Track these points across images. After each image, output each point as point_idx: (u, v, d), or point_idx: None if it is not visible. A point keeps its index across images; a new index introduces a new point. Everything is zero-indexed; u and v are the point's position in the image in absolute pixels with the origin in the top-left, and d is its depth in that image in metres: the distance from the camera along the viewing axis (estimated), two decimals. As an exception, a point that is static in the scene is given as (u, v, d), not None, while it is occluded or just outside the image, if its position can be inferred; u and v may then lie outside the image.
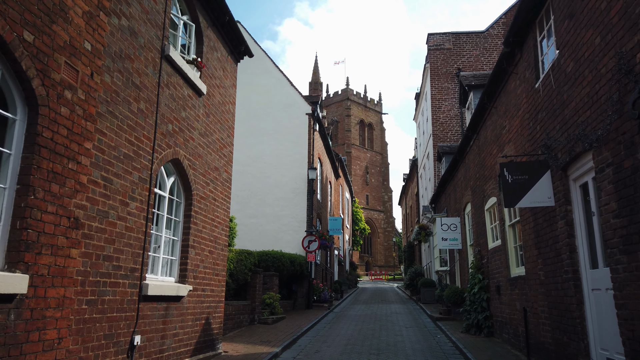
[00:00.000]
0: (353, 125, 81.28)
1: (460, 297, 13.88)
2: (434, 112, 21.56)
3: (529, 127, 7.52)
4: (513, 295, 8.80)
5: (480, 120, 10.89)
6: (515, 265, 9.02)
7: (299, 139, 19.02)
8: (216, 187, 8.35)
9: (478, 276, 11.12)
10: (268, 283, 14.07)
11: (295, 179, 18.74)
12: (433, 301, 20.10)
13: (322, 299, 17.61)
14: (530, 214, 7.53)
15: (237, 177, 18.88)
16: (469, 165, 12.74)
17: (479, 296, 10.99)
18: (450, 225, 14.55)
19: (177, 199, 7.16)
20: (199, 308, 7.47)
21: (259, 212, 18.57)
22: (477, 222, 11.90)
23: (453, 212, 15.72)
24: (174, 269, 6.99)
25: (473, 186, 12.29)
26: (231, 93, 9.31)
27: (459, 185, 14.45)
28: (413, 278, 24.84)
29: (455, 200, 15.23)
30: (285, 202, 18.57)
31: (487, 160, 10.53)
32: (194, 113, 7.45)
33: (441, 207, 18.47)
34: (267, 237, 18.25)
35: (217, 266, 8.28)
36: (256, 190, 18.79)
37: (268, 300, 13.38)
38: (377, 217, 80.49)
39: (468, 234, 13.63)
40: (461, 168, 14.03)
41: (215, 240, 8.23)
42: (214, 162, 8.24)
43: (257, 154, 19.09)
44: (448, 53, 21.95)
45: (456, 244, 14.41)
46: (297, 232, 18.19)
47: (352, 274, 37.28)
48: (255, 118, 19.44)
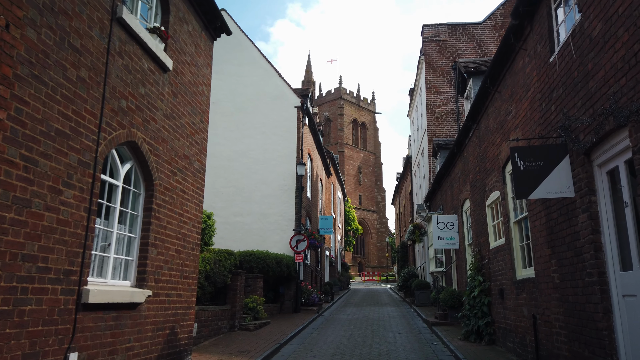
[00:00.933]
0: (346, 124, 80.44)
1: (457, 301, 12.97)
2: (429, 107, 20.67)
3: (540, 109, 6.60)
4: (519, 300, 7.88)
5: (481, 108, 9.97)
6: (521, 267, 8.10)
7: (288, 133, 18.04)
8: (185, 177, 7.35)
9: (478, 278, 10.20)
10: (251, 285, 13.08)
11: (283, 175, 17.75)
12: (428, 304, 19.19)
13: (310, 302, 16.63)
14: (542, 208, 6.61)
15: (222, 173, 17.90)
16: (468, 158, 11.83)
17: (479, 300, 10.07)
18: (447, 223, 13.63)
19: (135, 189, 6.16)
20: (162, 316, 6.46)
21: (245, 210, 17.57)
22: (476, 219, 10.99)
23: (450, 210, 14.81)
24: (130, 271, 5.98)
25: (472, 181, 11.37)
26: (205, 73, 8.31)
27: (457, 180, 13.54)
28: (407, 279, 23.94)
29: (452, 197, 14.32)
30: (272, 200, 17.58)
31: (489, 151, 9.61)
32: (157, 90, 6.45)
33: (437, 204, 17.57)
34: (253, 236, 17.25)
35: (186, 267, 7.28)
36: (242, 187, 17.78)
37: (251, 304, 12.38)
38: (370, 217, 79.69)
39: (466, 233, 12.72)
40: (459, 162, 13.12)
41: (184, 238, 7.23)
42: (182, 149, 7.24)
43: (243, 148, 18.09)
44: (444, 45, 21.08)
45: (453, 243, 13.49)
46: (285, 231, 17.20)
47: (344, 275, 36.33)
48: (241, 111, 18.43)
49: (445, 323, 12.94)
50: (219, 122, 18.47)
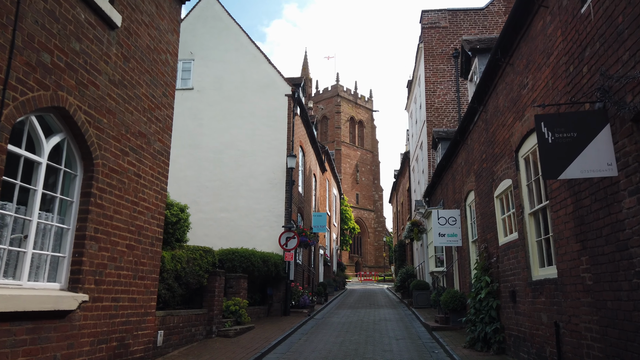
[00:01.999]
0: (343, 122, 79.33)
1: (460, 303, 11.82)
2: (429, 97, 19.52)
3: (566, 75, 5.45)
4: (536, 305, 6.73)
5: (489, 87, 8.82)
6: (538, 265, 6.95)
7: (278, 124, 16.86)
8: (142, 159, 6.17)
9: (485, 279, 9.05)
10: (234, 287, 11.90)
11: (272, 168, 16.57)
12: (427, 305, 18.05)
13: (301, 304, 15.47)
14: (569, 194, 5.46)
15: (207, 166, 16.73)
16: (472, 146, 10.68)
17: (486, 303, 8.92)
18: (448, 218, 12.47)
19: (70, 170, 4.98)
20: (105, 325, 5.29)
21: (232, 205, 16.38)
22: (483, 213, 9.84)
23: (451, 204, 13.66)
24: (61, 271, 4.81)
25: (477, 170, 10.23)
26: (170, 40, 7.13)
27: (459, 172, 12.39)
28: (404, 280, 22.79)
29: (454, 190, 13.17)
30: (261, 194, 16.40)
31: (498, 134, 8.46)
32: (100, 50, 5.27)
33: (437, 199, 16.42)
34: (240, 233, 16.08)
35: (142, 266, 6.10)
36: (228, 181, 16.59)
37: (233, 307, 11.21)
38: (368, 216, 78.58)
39: (470, 229, 11.58)
40: (462, 152, 11.97)
41: (139, 231, 6.06)
42: (137, 125, 6.06)
43: (230, 139, 16.90)
44: (444, 32, 19.93)
45: (455, 240, 12.34)
46: (274, 228, 16.04)
47: (340, 275, 35.18)
48: (228, 100, 17.24)
49: (447, 327, 11.80)
50: (204, 111, 17.30)
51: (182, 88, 17.44)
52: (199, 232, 16.16)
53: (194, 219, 16.46)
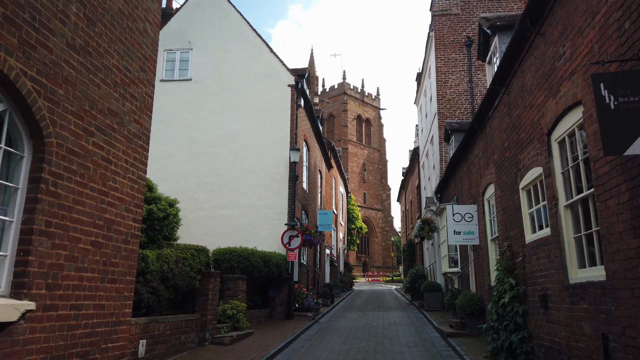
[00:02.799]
0: (350, 120, 78.37)
1: (478, 307, 10.83)
2: (440, 88, 18.51)
3: (619, 34, 4.47)
4: (576, 312, 5.74)
5: (514, 63, 7.83)
6: (576, 265, 5.96)
7: (280, 116, 15.94)
8: (113, 142, 5.26)
9: (509, 281, 8.05)
10: (231, 289, 11.00)
11: (275, 163, 15.65)
12: (439, 308, 17.06)
13: (305, 307, 14.53)
14: (623, 179, 4.48)
15: (206, 161, 15.85)
16: (492, 134, 9.69)
17: (510, 309, 7.92)
18: (464, 215, 11.48)
19: (15, 150, 4.08)
20: (62, 339, 4.38)
21: (232, 202, 15.49)
22: (505, 207, 8.84)
23: (466, 200, 12.66)
24: (0, 273, 3.90)
25: (498, 161, 9.23)
26: (149, 8, 6.21)
27: (476, 164, 11.40)
28: (414, 280, 21.77)
29: (470, 185, 12.17)
30: (262, 190, 15.48)
31: (525, 117, 7.47)
32: (54, 6, 4.36)
33: (449, 195, 15.41)
34: (241, 232, 15.17)
35: (113, 267, 5.20)
36: (228, 176, 15.70)
37: (230, 311, 10.30)
38: (375, 215, 77.55)
39: (489, 226, 10.58)
40: (479, 142, 10.98)
41: (109, 226, 5.15)
42: (106, 102, 5.16)
43: (230, 133, 16.01)
44: (456, 19, 18.91)
45: (472, 238, 11.34)
46: (276, 226, 15.12)
47: (347, 275, 34.22)
48: (227, 91, 16.35)
49: (464, 334, 10.81)
50: (202, 103, 16.42)
51: (179, 79, 16.58)
52: (197, 230, 15.30)
53: (192, 217, 15.61)
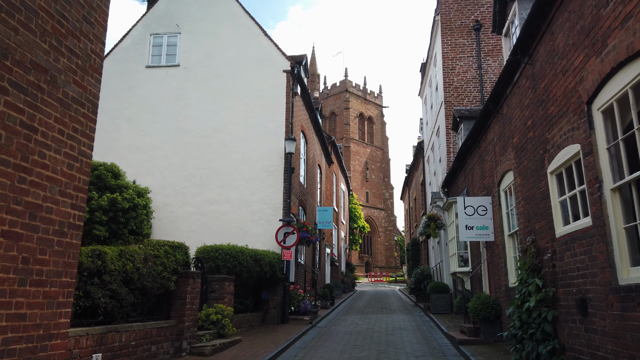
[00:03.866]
0: (352, 118, 77.21)
1: (493, 311, 9.63)
2: (447, 75, 17.31)
3: None
4: (629, 320, 4.55)
5: (540, 25, 6.64)
6: (628, 263, 4.77)
7: (275, 104, 14.78)
8: (38, 104, 4.10)
9: (535, 281, 6.86)
10: (216, 291, 9.83)
11: (268, 154, 14.49)
12: (446, 311, 15.86)
13: (301, 310, 13.35)
14: None
15: (194, 152, 14.70)
16: (511, 114, 8.50)
17: (537, 314, 6.73)
18: (477, 207, 10.28)
19: None
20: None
21: (222, 196, 14.33)
22: (528, 196, 7.65)
23: (478, 192, 11.47)
24: None
25: (519, 144, 8.04)
26: (98, -54, 5.04)
27: (490, 151, 10.20)
28: (419, 281, 20.57)
29: (483, 175, 10.97)
30: (255, 184, 14.32)
31: (555, 87, 6.28)
32: None
33: (458, 189, 14.21)
34: (232, 228, 14.01)
35: (39, 266, 4.04)
36: (218, 169, 14.54)
37: (214, 316, 9.14)
38: (378, 215, 76.33)
39: (506, 219, 9.38)
40: (494, 125, 9.79)
41: (34, 213, 3.99)
42: (27, 51, 3.99)
43: (220, 123, 14.86)
44: (463, 2, 17.71)
45: (486, 234, 10.15)
46: (270, 222, 13.95)
47: (349, 275, 33.03)
48: (218, 78, 15.20)
49: (478, 341, 9.61)
50: (191, 91, 15.27)
51: (166, 65, 15.44)
52: (184, 227, 14.17)
53: (179, 213, 14.47)
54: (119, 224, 6.73)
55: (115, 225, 6.68)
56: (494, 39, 17.19)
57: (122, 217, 6.74)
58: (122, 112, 15.18)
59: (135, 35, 15.71)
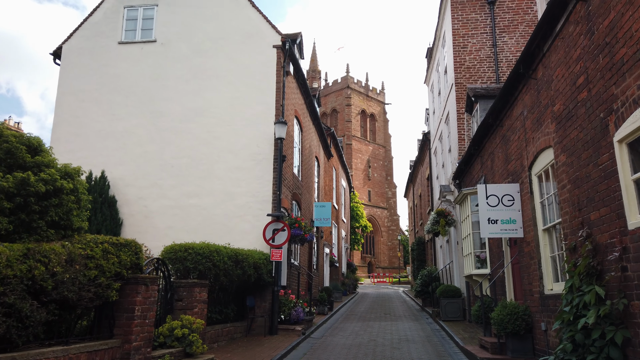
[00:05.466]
0: (354, 115, 75.44)
1: (524, 324, 7.83)
2: (457, 54, 15.51)
3: None
4: None
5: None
6: None
7: (264, 83, 13.01)
8: None
9: (594, 290, 5.09)
10: (185, 299, 8.07)
11: (256, 140, 12.71)
12: (458, 317, 14.08)
13: (293, 318, 11.56)
14: None
15: (172, 139, 12.96)
16: (549, 77, 6.72)
17: (598, 334, 4.94)
18: (502, 197, 8.47)
19: None
20: None
21: (204, 188, 12.56)
22: (578, 177, 5.85)
23: (500, 180, 9.67)
24: None
25: (563, 112, 6.26)
26: None
27: (517, 128, 8.41)
28: (426, 283, 18.79)
29: (507, 158, 9.17)
30: (241, 174, 12.55)
31: (629, 20, 4.49)
32: None
33: (472, 179, 12.41)
34: (214, 225, 12.25)
35: None
36: (200, 158, 12.77)
37: (179, 330, 7.38)
38: (381, 214, 74.55)
39: (540, 210, 7.58)
40: (523, 95, 8.00)
41: None
42: None
43: (202, 105, 13.09)
44: (475, -27, 15.89)
45: (513, 229, 8.34)
46: (258, 217, 12.17)
47: (350, 277, 31.22)
48: (200, 54, 13.43)
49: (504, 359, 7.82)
50: (169, 70, 13.51)
51: (142, 40, 13.68)
52: (160, 223, 12.42)
53: (154, 207, 12.70)
54: (32, 213, 4.97)
55: (25, 215, 4.92)
56: (511, 13, 15.40)
57: (35, 205, 4.97)
58: (92, 94, 13.43)
59: (107, 9, 13.96)
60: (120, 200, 12.55)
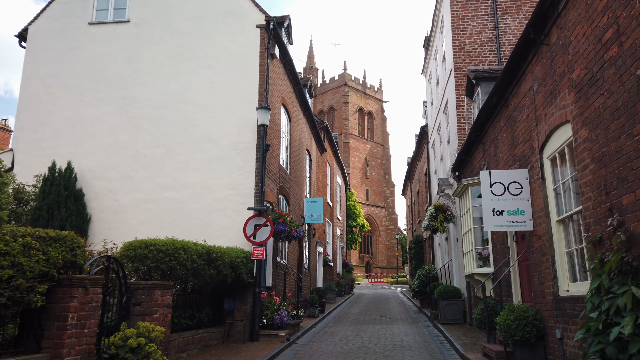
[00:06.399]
0: (351, 113, 74.40)
1: (535, 330, 6.78)
2: (457, 38, 14.47)
3: None
4: None
5: None
6: None
7: (246, 66, 11.94)
8: None
9: (631, 291, 4.04)
10: (144, 303, 7.00)
11: (238, 128, 11.65)
12: (458, 320, 13.04)
13: (276, 322, 10.48)
14: None
15: (146, 127, 11.91)
16: (566, 40, 5.68)
17: (636, 347, 3.90)
18: (508, 185, 7.42)
19: None
20: None
21: (180, 181, 11.50)
22: (606, 155, 4.79)
23: (505, 167, 8.61)
24: None
25: (583, 77, 5.21)
26: None
27: (525, 106, 7.36)
28: (424, 283, 17.72)
29: (513, 142, 8.12)
30: (221, 165, 11.49)
31: None
32: None
33: (473, 169, 11.36)
34: (191, 220, 11.19)
35: None
36: (176, 147, 11.71)
37: (134, 340, 6.30)
38: (378, 213, 73.47)
39: (554, 199, 6.53)
40: (532, 67, 6.96)
41: None
42: None
43: (179, 90, 12.02)
44: (475, -50, 14.84)
45: (522, 220, 7.28)
46: (239, 212, 11.11)
47: (346, 277, 30.16)
48: (177, 35, 12.36)
49: (512, 372, 6.77)
50: (143, 52, 12.45)
51: (114, 21, 12.61)
52: (132, 219, 11.35)
53: (126, 201, 11.62)
54: None
55: None
56: (514, -7, 14.35)
57: None
58: (60, 78, 12.36)
59: (77, -13, 12.89)
60: (89, 194, 11.47)
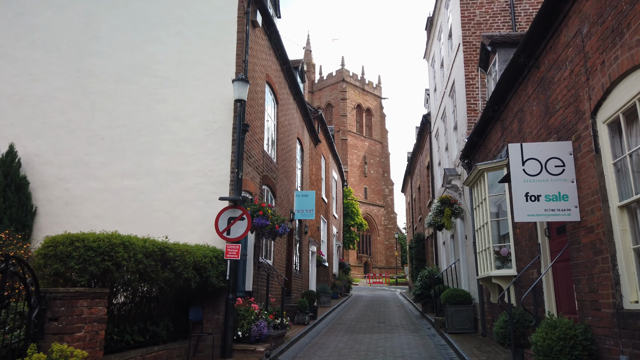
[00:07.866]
0: (349, 109, 72.68)
1: (586, 354, 5.04)
2: (465, 8, 12.75)
3: None
4: None
5: None
6: None
7: (221, 32, 10.21)
8: None
9: None
10: (63, 317, 5.23)
11: (211, 105, 9.92)
12: (468, 329, 11.33)
13: (254, 334, 8.71)
14: None
15: (104, 104, 10.15)
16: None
17: None
18: (546, 162, 5.68)
19: None
20: None
21: (142, 167, 9.75)
22: None
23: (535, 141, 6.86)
24: None
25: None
26: None
27: (567, 60, 5.62)
28: (427, 286, 15.99)
29: (547, 111, 6.38)
30: (191, 148, 9.74)
31: None
32: None
33: (490, 152, 9.61)
34: (155, 213, 9.44)
35: None
36: (138, 127, 9.95)
37: (40, 370, 4.52)
38: (377, 212, 71.75)
39: (614, 178, 4.78)
40: (579, 5, 5.21)
41: None
42: None
43: (143, 61, 10.27)
44: None
45: (566, 208, 5.53)
46: (212, 203, 9.37)
47: (342, 278, 28.42)
48: (142, -1, 10.63)
49: (556, 412, 5.02)
50: (102, 17, 10.67)
51: (68, -18, 10.83)
52: (85, 212, 9.60)
53: (78, 191, 9.82)
54: None
55: None
56: (531, -45, 12.62)
57: None
58: (5, 49, 10.60)
59: (27, -57, 11.11)
60: (35, 182, 9.71)
